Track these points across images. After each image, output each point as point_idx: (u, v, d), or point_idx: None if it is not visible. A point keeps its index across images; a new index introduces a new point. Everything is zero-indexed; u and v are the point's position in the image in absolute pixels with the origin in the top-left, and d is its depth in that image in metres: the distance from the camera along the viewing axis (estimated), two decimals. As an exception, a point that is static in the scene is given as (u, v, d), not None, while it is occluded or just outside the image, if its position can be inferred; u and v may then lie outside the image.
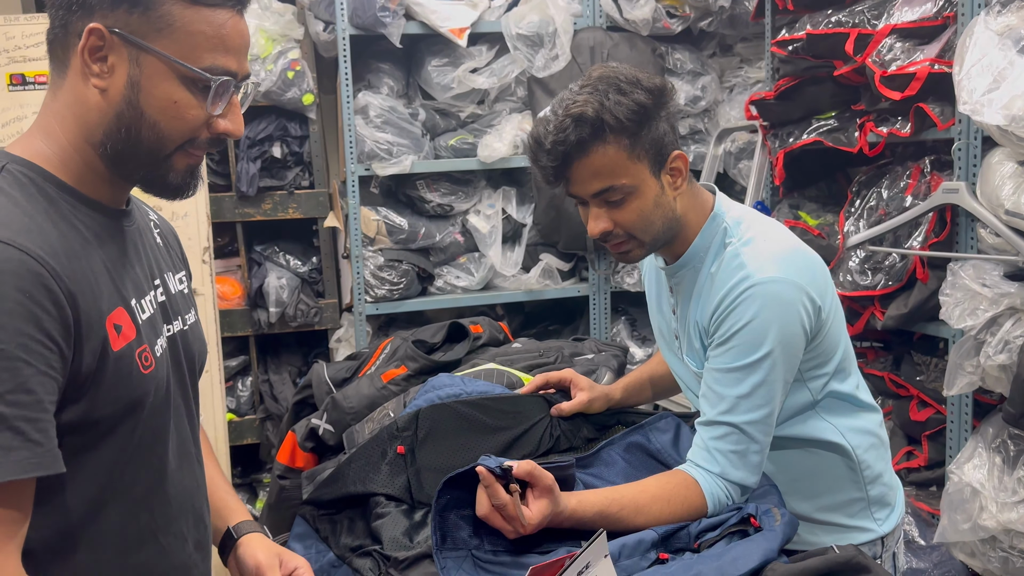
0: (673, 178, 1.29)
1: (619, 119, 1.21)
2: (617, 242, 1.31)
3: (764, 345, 1.23)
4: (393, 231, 3.09)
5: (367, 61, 3.16)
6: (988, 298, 2.09)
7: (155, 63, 0.91)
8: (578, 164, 1.24)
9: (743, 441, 1.24)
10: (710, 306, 1.29)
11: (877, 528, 1.42)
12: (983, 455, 2.19)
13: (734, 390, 1.25)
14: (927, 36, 2.34)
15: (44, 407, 0.84)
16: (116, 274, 0.95)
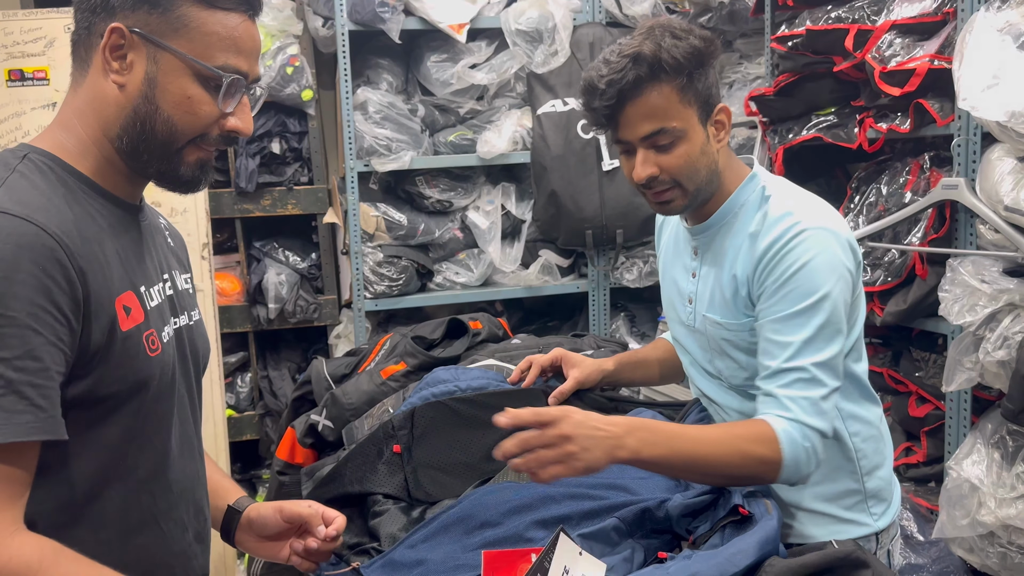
0: (717, 130, 1.32)
1: (676, 59, 1.24)
2: (661, 189, 1.31)
3: (823, 286, 1.23)
4: (392, 227, 3.09)
5: (366, 57, 3.16)
6: (987, 294, 2.09)
7: (171, 60, 0.97)
8: (631, 105, 1.26)
9: (813, 385, 1.22)
10: (754, 255, 1.28)
11: (872, 523, 1.41)
12: (982, 451, 2.19)
13: (797, 335, 1.23)
14: (927, 32, 2.34)
15: (50, 375, 0.87)
16: (127, 262, 1.00)
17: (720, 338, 1.35)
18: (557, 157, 3.10)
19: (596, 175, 3.12)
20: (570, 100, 3.12)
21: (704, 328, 1.38)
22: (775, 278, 1.25)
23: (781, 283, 1.24)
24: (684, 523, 1.16)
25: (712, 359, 1.39)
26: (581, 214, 3.12)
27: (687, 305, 1.42)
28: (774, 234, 1.26)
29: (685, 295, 1.43)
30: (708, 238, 1.38)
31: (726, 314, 1.34)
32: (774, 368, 1.24)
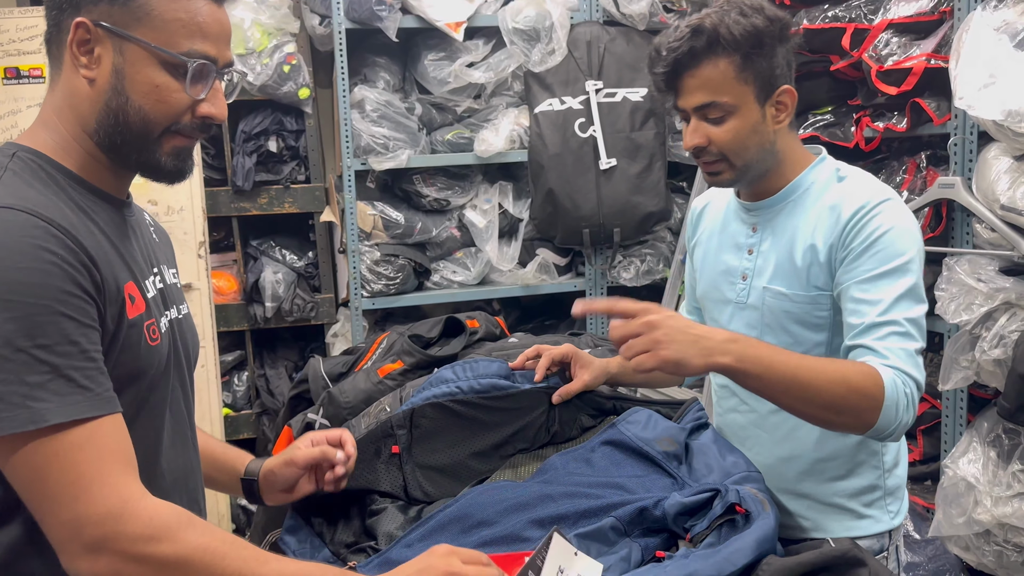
0: (777, 111, 1.33)
1: (734, 36, 1.26)
2: (709, 160, 1.34)
3: (908, 249, 1.26)
4: (389, 226, 3.09)
5: (363, 55, 3.15)
6: (983, 293, 2.09)
7: (136, 51, 0.97)
8: (687, 75, 1.30)
9: (908, 338, 1.23)
10: (839, 222, 1.30)
11: (889, 521, 1.42)
12: (978, 449, 2.20)
13: (888, 292, 1.24)
14: (924, 31, 2.34)
15: (90, 356, 0.91)
16: (121, 253, 1.01)
17: (782, 310, 1.36)
18: (554, 156, 3.10)
19: (593, 174, 3.12)
20: (567, 99, 3.12)
21: (761, 302, 1.39)
22: (862, 239, 1.27)
23: (868, 244, 1.27)
24: (681, 521, 1.15)
25: (762, 334, 1.38)
26: (578, 213, 3.12)
27: (739, 282, 1.43)
28: (859, 201, 1.29)
29: (737, 273, 1.44)
30: (772, 214, 1.40)
31: (794, 285, 1.35)
32: (866, 323, 1.24)
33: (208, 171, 3.15)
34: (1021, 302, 2.05)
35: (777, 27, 1.30)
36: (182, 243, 2.94)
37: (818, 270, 1.33)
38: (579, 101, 3.11)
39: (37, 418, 0.87)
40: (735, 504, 1.12)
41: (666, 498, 1.16)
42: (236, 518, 3.21)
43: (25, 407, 0.86)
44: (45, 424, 0.87)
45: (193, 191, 2.94)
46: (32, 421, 0.86)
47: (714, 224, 1.52)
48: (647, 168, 3.14)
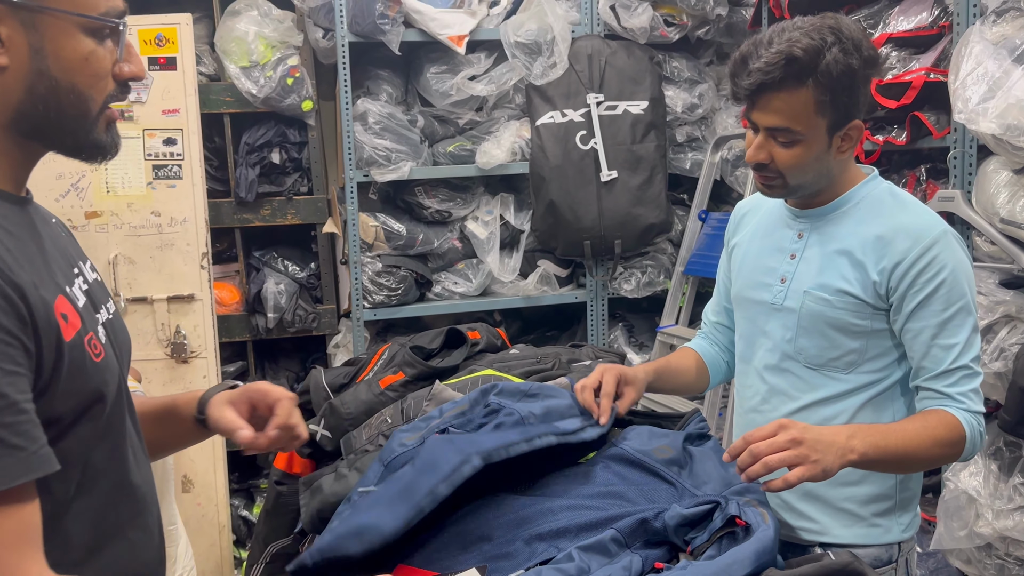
0: (843, 143, 1.37)
1: (831, 74, 1.28)
2: (767, 175, 1.39)
3: (966, 287, 1.36)
4: (391, 237, 3.10)
5: (366, 68, 3.18)
6: (984, 306, 2.10)
7: (54, 23, 0.86)
8: (768, 95, 1.31)
9: (974, 377, 1.36)
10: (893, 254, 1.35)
11: (898, 532, 1.43)
12: (979, 462, 2.19)
13: (957, 337, 1.34)
14: (923, 45, 2.36)
15: (20, 408, 0.79)
16: (46, 264, 0.91)
17: (821, 315, 1.39)
18: (556, 168, 3.11)
19: (594, 186, 3.13)
20: (568, 111, 3.13)
21: (800, 305, 1.41)
22: (925, 285, 1.34)
23: (932, 290, 1.34)
24: (681, 533, 1.15)
25: (796, 337, 1.42)
26: (579, 224, 3.13)
27: (777, 284, 1.46)
28: (913, 237, 1.34)
29: (777, 275, 1.46)
30: (820, 223, 1.43)
31: (836, 292, 1.39)
32: (943, 369, 1.35)
33: (211, 182, 3.16)
34: (1021, 315, 2.06)
35: (871, 69, 1.32)
36: (185, 254, 2.96)
37: (865, 285, 1.37)
38: (580, 114, 3.13)
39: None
40: (735, 516, 1.13)
41: (667, 509, 1.16)
42: (237, 528, 3.21)
43: None
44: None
45: (196, 202, 2.95)
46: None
47: (757, 227, 1.55)
48: (648, 180, 3.15)
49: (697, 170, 3.29)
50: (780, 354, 1.45)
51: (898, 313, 1.36)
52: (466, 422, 1.37)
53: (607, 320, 3.34)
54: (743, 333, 1.55)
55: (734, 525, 1.12)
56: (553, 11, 3.08)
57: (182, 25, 2.93)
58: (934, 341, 1.34)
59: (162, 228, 2.94)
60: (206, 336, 2.97)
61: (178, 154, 2.94)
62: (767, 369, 1.48)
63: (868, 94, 1.36)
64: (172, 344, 2.95)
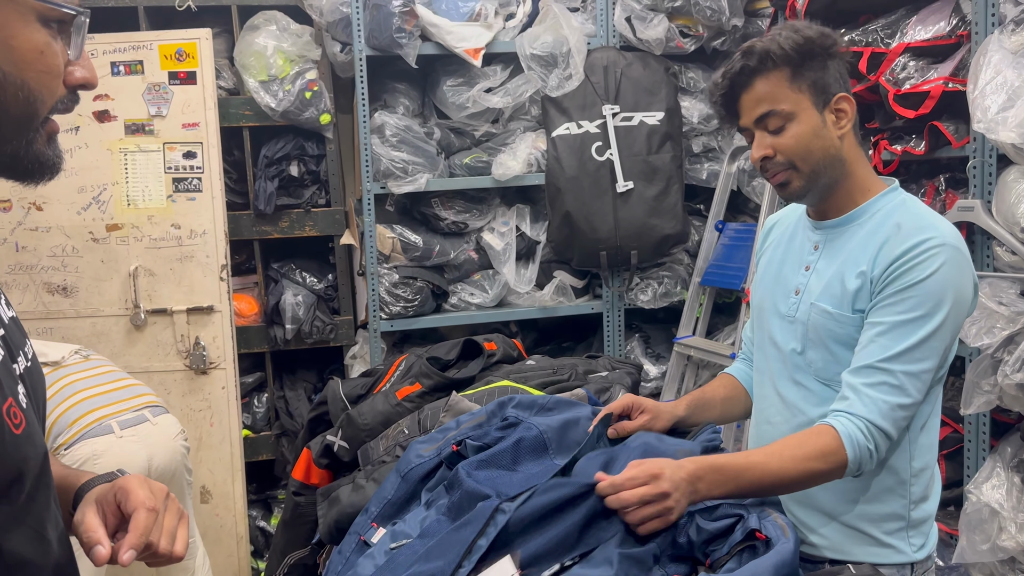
0: (837, 118, 1.37)
1: (784, 49, 1.33)
2: (777, 171, 1.38)
3: (942, 301, 1.28)
4: (408, 248, 3.12)
5: (383, 81, 3.20)
6: (1005, 316, 2.07)
7: (9, 5, 0.73)
8: (744, 93, 1.37)
9: (897, 392, 1.27)
10: (888, 258, 1.32)
11: (910, 553, 1.41)
12: (1001, 475, 2.17)
13: (901, 342, 1.28)
14: (941, 55, 2.35)
15: None
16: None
17: (825, 328, 1.38)
18: (571, 179, 3.12)
19: (610, 196, 3.13)
20: (584, 123, 3.14)
21: (808, 318, 1.41)
22: (901, 283, 1.30)
23: (903, 288, 1.29)
24: (703, 548, 1.15)
25: (805, 349, 1.42)
26: (595, 235, 3.13)
27: (792, 296, 1.46)
28: (912, 242, 1.31)
29: (792, 287, 1.47)
30: (835, 235, 1.43)
31: (839, 306, 1.38)
32: (866, 363, 1.29)
33: (230, 195, 3.19)
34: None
35: (828, 40, 1.36)
36: (204, 266, 2.99)
37: (864, 295, 1.35)
38: (596, 125, 3.14)
39: None
40: (755, 530, 1.12)
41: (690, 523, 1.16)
42: (255, 539, 3.22)
43: None
44: None
45: (216, 215, 2.98)
46: None
47: (782, 237, 1.56)
48: (664, 191, 3.15)
49: (714, 180, 3.29)
50: (792, 366, 1.45)
51: (869, 304, 1.33)
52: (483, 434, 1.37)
53: (623, 331, 3.33)
54: (760, 344, 1.55)
55: (754, 539, 1.11)
56: (569, 23, 3.10)
57: (202, 40, 2.97)
58: (878, 337, 1.29)
59: (182, 240, 2.97)
60: (225, 347, 2.99)
61: (198, 167, 2.98)
62: (781, 381, 1.48)
63: (841, 72, 1.38)
64: (191, 355, 2.98)
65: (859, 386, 1.28)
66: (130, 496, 0.88)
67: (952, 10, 2.32)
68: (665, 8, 3.13)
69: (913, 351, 1.27)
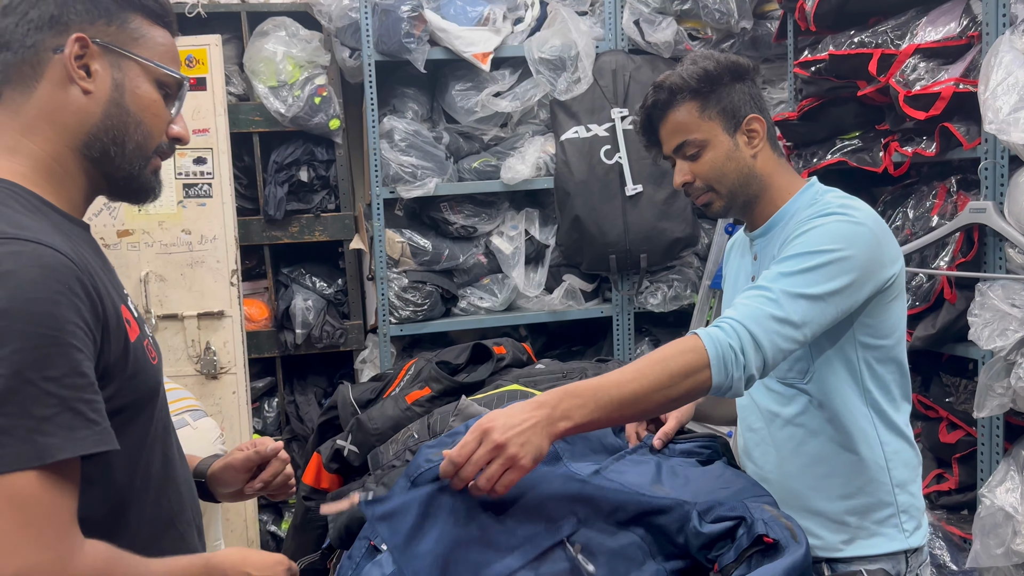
0: (749, 138, 1.45)
1: (685, 80, 1.43)
2: (698, 194, 1.48)
3: (833, 244, 1.28)
4: (417, 253, 3.12)
5: (392, 86, 3.21)
6: (1018, 318, 2.06)
7: (135, 67, 1.03)
8: (661, 125, 1.47)
9: (770, 303, 1.23)
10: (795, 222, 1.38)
11: (904, 540, 1.42)
12: (1015, 478, 2.15)
13: (783, 266, 1.27)
14: (951, 56, 2.33)
15: (95, 389, 0.89)
16: (107, 277, 1.01)
17: None
18: (580, 183, 3.12)
19: (619, 200, 3.13)
20: (593, 126, 3.14)
21: None
22: (799, 231, 1.33)
23: (799, 233, 1.33)
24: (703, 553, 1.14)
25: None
26: (604, 239, 3.13)
27: None
28: (818, 209, 1.37)
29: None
30: (765, 242, 1.49)
31: None
32: (751, 286, 1.30)
33: (241, 200, 3.21)
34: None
35: (726, 67, 1.44)
36: (215, 271, 3.00)
37: None
38: (605, 128, 3.14)
39: (43, 454, 0.83)
40: (763, 535, 1.11)
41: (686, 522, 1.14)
42: (265, 544, 3.23)
43: (31, 442, 0.82)
44: (52, 460, 0.83)
45: (226, 220, 3.00)
46: (38, 457, 0.82)
47: (736, 254, 1.63)
48: (674, 194, 3.15)
49: (723, 183, 3.28)
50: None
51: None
52: None
53: (633, 335, 3.33)
54: None
55: (762, 543, 1.10)
56: (577, 27, 3.10)
57: (212, 46, 2.99)
58: (769, 267, 1.30)
59: (192, 246, 2.99)
60: (235, 352, 3.00)
61: (208, 173, 2.99)
62: (755, 390, 1.51)
63: (751, 92, 1.45)
64: (202, 360, 2.99)
65: (735, 302, 1.26)
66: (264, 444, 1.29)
67: (963, 11, 2.31)
68: (674, 11, 3.12)
69: (794, 276, 1.25)
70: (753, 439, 1.52)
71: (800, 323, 1.24)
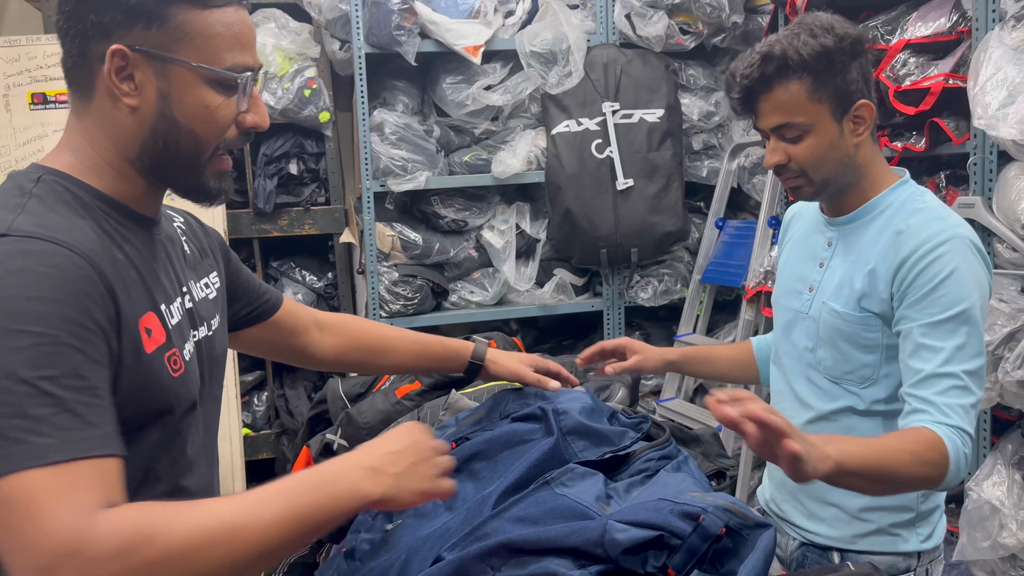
0: (856, 125, 1.35)
1: (803, 57, 1.29)
2: (789, 177, 1.38)
3: (970, 296, 1.26)
4: (408, 246, 3.11)
5: (382, 79, 3.20)
6: (1006, 313, 2.07)
7: (181, 72, 0.94)
8: (762, 99, 1.34)
9: (966, 393, 1.25)
10: (898, 254, 1.31)
11: (918, 543, 1.41)
12: (1002, 472, 2.16)
13: (950, 341, 1.25)
14: (941, 51, 2.34)
15: (97, 393, 0.84)
16: (146, 280, 0.98)
17: (834, 327, 1.38)
18: (571, 176, 3.11)
19: (610, 194, 3.13)
20: (584, 120, 3.14)
21: (819, 316, 1.41)
22: (923, 282, 1.28)
23: (931, 288, 1.27)
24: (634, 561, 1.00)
25: (816, 347, 1.42)
26: (596, 233, 3.13)
27: (806, 292, 1.46)
28: (921, 237, 1.29)
29: (807, 283, 1.46)
30: (847, 231, 1.42)
31: (847, 305, 1.37)
32: (928, 372, 1.25)
33: (230, 193, 3.19)
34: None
35: (848, 43, 1.31)
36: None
37: (873, 295, 1.34)
38: (596, 122, 3.13)
39: (37, 455, 0.78)
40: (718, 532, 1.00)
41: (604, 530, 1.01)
42: (255, 538, 3.22)
43: (25, 442, 0.78)
44: (45, 463, 0.78)
45: (215, 213, 2.98)
46: (32, 457, 0.78)
47: (799, 232, 1.55)
48: (664, 188, 3.15)
49: (714, 178, 3.28)
50: (804, 363, 1.45)
51: (897, 312, 1.32)
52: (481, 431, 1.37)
53: (624, 329, 3.33)
54: (776, 337, 1.56)
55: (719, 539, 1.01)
56: (568, 20, 3.09)
57: (201, 38, 2.96)
58: (922, 340, 1.27)
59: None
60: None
61: (197, 165, 2.97)
62: (794, 376, 1.48)
63: (864, 71, 1.34)
64: (191, 354, 2.97)
65: (933, 398, 1.24)
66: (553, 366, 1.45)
67: (952, 6, 2.31)
68: (665, 5, 3.12)
69: (964, 349, 1.25)
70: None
71: (982, 393, 1.29)
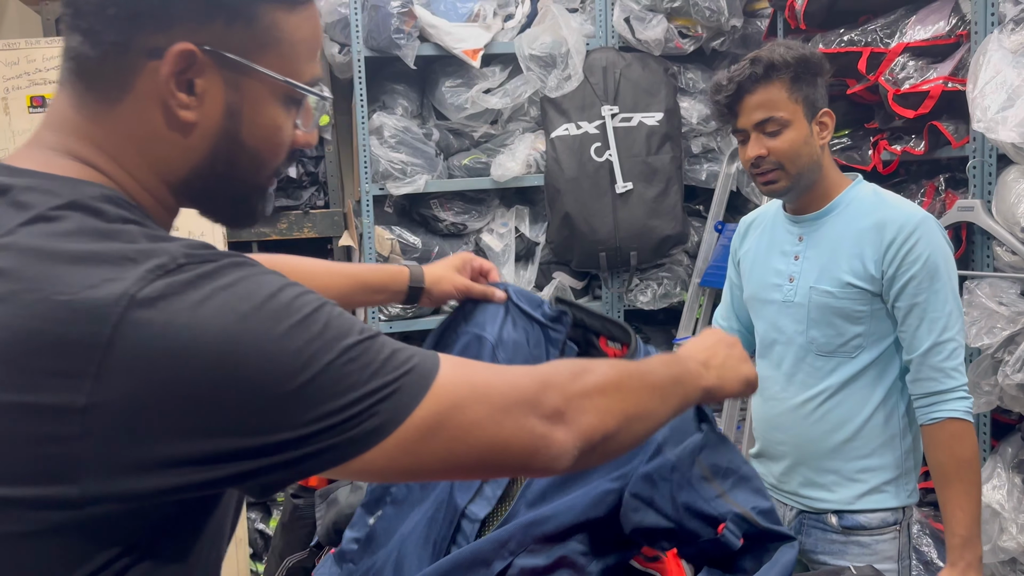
0: (820, 129, 1.60)
1: (786, 60, 1.55)
2: (766, 169, 1.59)
3: (947, 264, 1.55)
4: (407, 249, 3.11)
5: (382, 82, 3.20)
6: (1005, 316, 2.07)
7: (257, 86, 0.74)
8: (748, 97, 1.57)
9: (961, 350, 1.54)
10: (883, 241, 1.55)
11: (905, 497, 1.63)
12: (1002, 476, 2.16)
13: (944, 308, 1.53)
14: (940, 54, 2.34)
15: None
16: None
17: (827, 306, 1.59)
18: (571, 180, 3.11)
19: (610, 197, 3.13)
20: (583, 124, 3.14)
21: (809, 300, 1.62)
22: (908, 265, 1.53)
23: (918, 269, 1.53)
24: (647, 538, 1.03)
25: (807, 329, 1.62)
26: (595, 236, 3.13)
27: (787, 284, 1.66)
28: (900, 222, 1.55)
29: (784, 275, 1.67)
30: (817, 226, 1.64)
31: (835, 284, 1.59)
32: (933, 341, 1.53)
33: (229, 197, 3.19)
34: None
35: (816, 59, 1.58)
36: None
37: (862, 273, 1.57)
38: (595, 126, 3.13)
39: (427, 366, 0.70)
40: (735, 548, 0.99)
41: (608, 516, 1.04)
42: (253, 542, 3.21)
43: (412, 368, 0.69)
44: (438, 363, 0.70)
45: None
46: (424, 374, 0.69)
47: (761, 236, 1.75)
48: (664, 192, 3.15)
49: (713, 181, 3.28)
50: (796, 347, 1.64)
51: (890, 292, 1.56)
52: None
53: (623, 332, 3.32)
54: (760, 332, 1.73)
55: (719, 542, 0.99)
56: (568, 24, 3.09)
57: (200, 41, 2.96)
58: (925, 314, 1.53)
59: (180, 242, 2.97)
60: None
61: (196, 169, 2.97)
62: (786, 362, 1.65)
63: (824, 89, 1.61)
64: (190, 357, 2.96)
65: (942, 365, 1.53)
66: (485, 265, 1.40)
67: (951, 10, 2.32)
68: (664, 9, 3.12)
69: (955, 312, 1.54)
70: (777, 407, 1.67)
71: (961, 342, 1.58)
